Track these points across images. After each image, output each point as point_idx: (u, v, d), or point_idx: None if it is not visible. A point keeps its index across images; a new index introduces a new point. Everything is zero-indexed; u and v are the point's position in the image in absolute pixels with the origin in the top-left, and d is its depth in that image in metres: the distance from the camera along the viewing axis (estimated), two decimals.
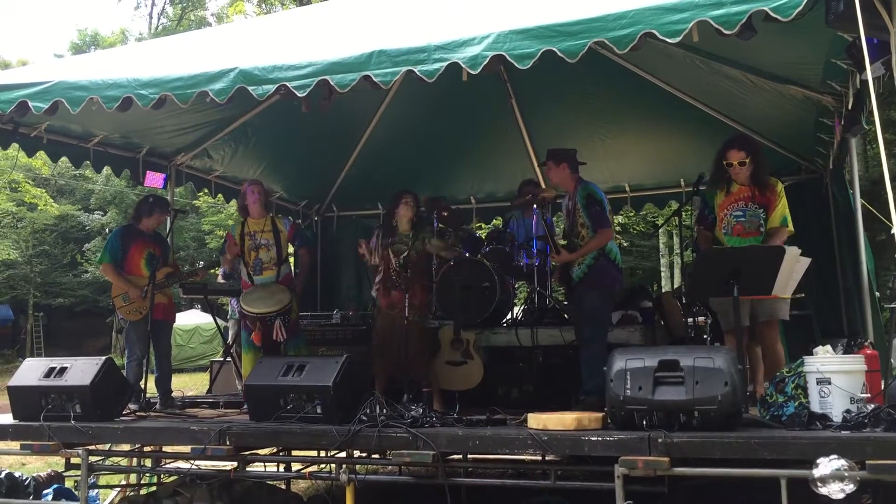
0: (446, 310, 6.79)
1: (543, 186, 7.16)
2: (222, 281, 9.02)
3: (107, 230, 28.73)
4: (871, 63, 3.62)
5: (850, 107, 5.26)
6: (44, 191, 27.89)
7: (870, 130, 4.53)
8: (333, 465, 4.59)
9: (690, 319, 6.80)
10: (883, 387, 4.37)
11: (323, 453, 5.34)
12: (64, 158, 6.89)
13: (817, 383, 4.02)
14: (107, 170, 7.48)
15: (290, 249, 6.71)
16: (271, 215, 6.44)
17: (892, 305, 4.30)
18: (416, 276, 5.90)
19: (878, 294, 6.40)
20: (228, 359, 8.54)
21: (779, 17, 3.58)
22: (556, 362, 6.08)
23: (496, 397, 6.14)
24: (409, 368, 5.70)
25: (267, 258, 6.24)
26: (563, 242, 5.82)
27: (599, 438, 3.96)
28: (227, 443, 4.63)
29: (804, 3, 3.53)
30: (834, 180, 7.21)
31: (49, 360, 5.45)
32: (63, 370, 5.21)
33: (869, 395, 3.96)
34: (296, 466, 5.40)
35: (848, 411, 3.86)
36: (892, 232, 3.50)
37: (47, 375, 5.21)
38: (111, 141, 7.00)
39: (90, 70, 5.16)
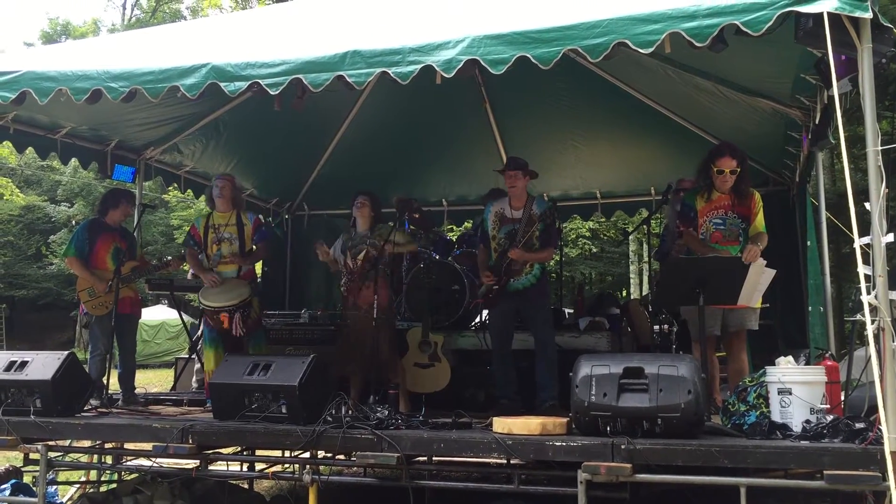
0: (415, 312, 6.79)
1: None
2: (191, 278, 8.93)
3: (73, 222, 28.29)
4: (839, 79, 3.67)
5: (817, 121, 5.34)
6: (9, 181, 27.44)
7: (836, 145, 4.60)
8: (297, 466, 4.56)
9: (657, 327, 6.86)
10: (843, 398, 4.44)
11: (287, 453, 5.30)
12: (30, 149, 6.79)
13: (778, 393, 4.08)
14: (74, 161, 7.36)
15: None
16: (238, 210, 6.31)
17: (854, 318, 4.35)
18: (377, 275, 5.76)
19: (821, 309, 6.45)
20: (194, 356, 8.46)
21: (749, 32, 3.65)
22: (523, 366, 6.08)
23: (463, 400, 6.16)
24: (373, 368, 5.67)
25: (228, 251, 6.15)
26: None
27: (563, 444, 3.98)
28: (190, 441, 4.58)
29: (774, 18, 3.60)
30: (800, 193, 7.30)
31: (10, 354, 5.37)
32: (24, 364, 5.13)
33: (828, 405, 4.02)
34: (259, 466, 5.36)
35: (808, 422, 3.93)
36: (855, 246, 3.56)
37: (8, 369, 5.14)
38: (79, 133, 6.91)
39: (60, 61, 5.09)
